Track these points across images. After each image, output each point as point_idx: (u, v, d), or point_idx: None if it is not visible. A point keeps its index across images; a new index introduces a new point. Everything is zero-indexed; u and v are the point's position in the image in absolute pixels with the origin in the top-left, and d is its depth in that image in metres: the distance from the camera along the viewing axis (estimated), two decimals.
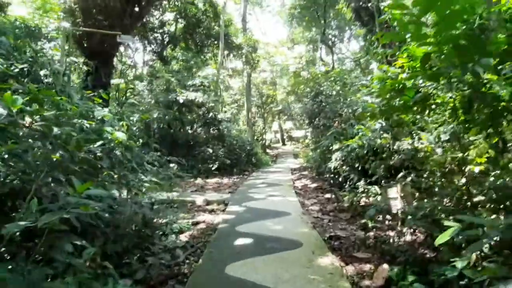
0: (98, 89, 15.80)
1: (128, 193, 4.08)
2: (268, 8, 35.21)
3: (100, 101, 5.47)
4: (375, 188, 6.61)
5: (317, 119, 10.47)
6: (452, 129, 4.12)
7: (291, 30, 42.01)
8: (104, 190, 3.15)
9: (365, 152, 7.92)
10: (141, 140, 12.99)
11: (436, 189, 4.46)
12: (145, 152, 11.93)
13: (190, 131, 12.78)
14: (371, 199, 6.69)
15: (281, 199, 7.44)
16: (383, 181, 7.23)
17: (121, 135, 3.60)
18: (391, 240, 4.18)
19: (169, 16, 23.57)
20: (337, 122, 10.62)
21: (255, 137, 30.76)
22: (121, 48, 20.35)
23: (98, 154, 3.32)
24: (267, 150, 30.70)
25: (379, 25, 9.52)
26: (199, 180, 11.40)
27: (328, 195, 8.40)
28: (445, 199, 4.04)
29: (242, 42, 24.86)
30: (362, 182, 7.45)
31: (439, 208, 3.63)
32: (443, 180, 4.51)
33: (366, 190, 6.86)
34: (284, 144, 45.50)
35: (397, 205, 5.34)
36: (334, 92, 10.55)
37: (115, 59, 20.74)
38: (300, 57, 31.46)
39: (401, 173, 6.39)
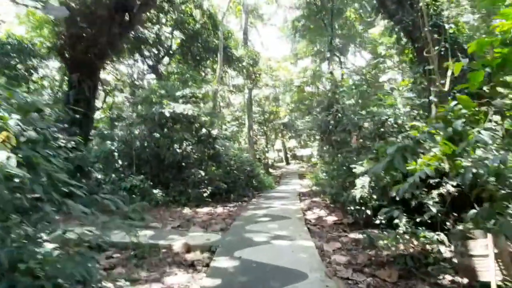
0: (81, 104, 14.03)
1: None
2: (270, 21, 33.60)
3: None
4: (438, 236, 4.50)
5: (331, 133, 8.44)
6: None
7: (294, 46, 40.74)
8: None
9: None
10: (120, 162, 11.01)
11: None
12: (124, 176, 9.87)
13: (179, 150, 10.75)
14: (427, 246, 4.57)
15: (290, 244, 5.29)
16: (439, 220, 5.12)
17: None
18: None
19: (165, 29, 22.03)
20: (355, 137, 8.58)
21: (257, 156, 28.69)
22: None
23: None
24: (270, 170, 28.56)
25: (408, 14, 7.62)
26: (187, 210, 9.27)
27: (354, 235, 6.25)
28: None
29: (242, 54, 23.20)
30: (404, 220, 5.34)
31: None
32: None
33: (414, 233, 4.74)
34: (288, 163, 43.40)
35: (488, 269, 3.22)
36: (352, 101, 8.57)
37: (102, 72, 19.12)
38: (305, 71, 29.71)
39: (473, 210, 4.30)
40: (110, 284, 3.84)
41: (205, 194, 10.20)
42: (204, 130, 11.18)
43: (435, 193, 5.57)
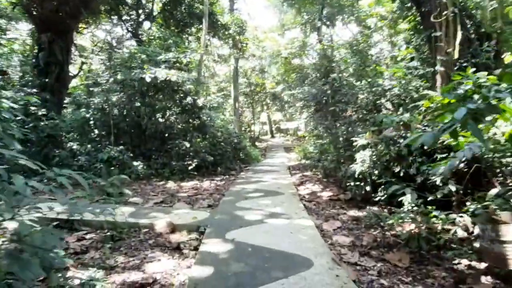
0: (52, 68, 12.81)
1: None
2: None
3: None
4: (461, 218, 4.04)
5: (327, 104, 7.83)
6: None
7: (281, 16, 39.21)
8: None
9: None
10: (96, 132, 10.14)
11: None
12: (101, 147, 9.06)
13: (161, 120, 9.94)
14: (439, 227, 4.13)
15: (287, 224, 4.78)
16: (453, 198, 4.68)
17: None
18: None
19: None
20: (350, 109, 8.01)
21: (243, 129, 28.01)
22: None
23: None
24: (256, 143, 28.02)
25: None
26: (170, 184, 8.64)
27: (353, 212, 5.80)
28: None
29: (228, 21, 21.91)
30: (409, 196, 4.89)
31: None
32: None
33: (426, 213, 4.29)
34: (272, 136, 43.02)
35: None
36: (351, 70, 7.93)
37: (78, 37, 17.67)
38: (293, 42, 28.63)
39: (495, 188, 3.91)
40: (79, 272, 3.24)
41: (190, 167, 9.55)
42: (189, 99, 10.36)
43: None
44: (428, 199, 4.64)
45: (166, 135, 10.62)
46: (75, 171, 7.69)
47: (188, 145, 9.92)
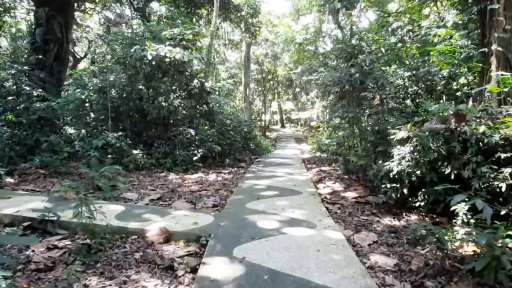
0: (51, 46, 11.85)
1: None
2: None
3: None
4: None
5: (355, 89, 6.75)
6: None
7: (296, 1, 37.65)
8: None
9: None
10: (92, 115, 9.21)
11: None
12: (97, 132, 8.14)
13: (164, 104, 8.95)
14: None
15: (312, 236, 3.78)
16: None
17: None
18: None
19: None
20: (378, 96, 6.90)
21: (252, 117, 26.96)
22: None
23: None
24: (266, 133, 27.01)
25: None
26: (172, 176, 7.71)
27: (388, 220, 4.77)
28: None
29: (241, 2, 20.66)
30: (462, 205, 3.82)
31: None
32: None
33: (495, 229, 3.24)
34: (283, 126, 41.97)
35: None
36: (383, 50, 6.79)
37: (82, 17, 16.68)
38: (307, 28, 27.19)
39: None
40: None
41: (195, 158, 8.58)
42: (195, 82, 9.34)
43: (507, 171, 4.05)
44: (502, 213, 3.58)
45: (170, 121, 9.64)
46: (65, 159, 6.67)
47: (193, 132, 8.94)
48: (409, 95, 6.61)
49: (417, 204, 4.92)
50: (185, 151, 8.68)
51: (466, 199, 3.54)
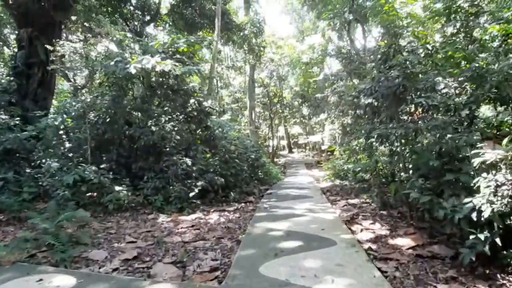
0: (35, 70, 10.62)
1: None
2: None
3: None
4: None
5: (400, 100, 5.15)
6: None
7: (300, 23, 37.14)
8: None
9: None
10: (67, 144, 7.66)
11: None
12: (73, 165, 6.63)
13: (154, 129, 7.43)
14: None
15: None
16: None
17: None
18: None
19: None
20: (418, 111, 5.31)
21: (259, 142, 25.38)
22: None
23: None
24: (274, 159, 25.33)
25: None
26: (163, 218, 6.06)
27: None
28: None
29: (244, 21, 19.63)
30: None
31: None
32: None
33: None
34: (291, 151, 40.38)
35: None
36: (429, 46, 5.25)
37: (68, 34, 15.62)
38: (313, 48, 26.05)
39: None
40: None
41: (192, 194, 6.93)
42: (192, 101, 7.84)
43: None
44: None
45: (167, 148, 8.02)
46: (28, 201, 4.98)
47: (190, 162, 7.33)
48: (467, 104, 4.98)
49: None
50: (180, 186, 7.04)
51: None
